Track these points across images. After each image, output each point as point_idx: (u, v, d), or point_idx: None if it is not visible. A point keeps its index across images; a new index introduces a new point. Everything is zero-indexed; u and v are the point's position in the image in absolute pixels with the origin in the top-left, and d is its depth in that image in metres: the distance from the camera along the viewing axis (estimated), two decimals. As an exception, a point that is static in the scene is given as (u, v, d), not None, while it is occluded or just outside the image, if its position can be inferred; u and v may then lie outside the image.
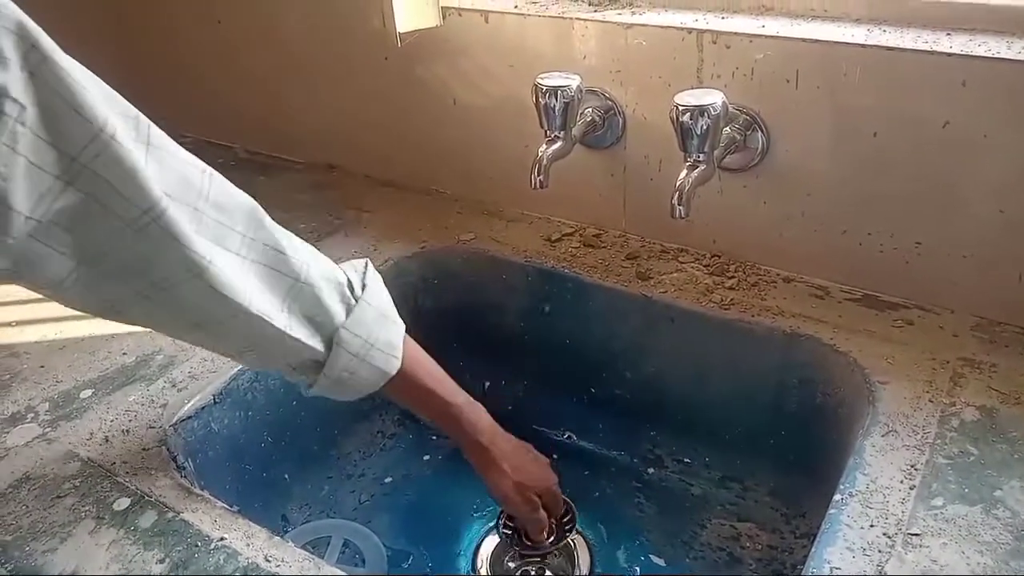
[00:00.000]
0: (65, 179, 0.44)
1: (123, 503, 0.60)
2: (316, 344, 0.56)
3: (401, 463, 0.90)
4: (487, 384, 0.98)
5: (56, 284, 0.48)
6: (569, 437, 0.92)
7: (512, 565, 0.78)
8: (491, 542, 0.80)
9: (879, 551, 0.52)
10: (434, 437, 0.93)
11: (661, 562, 0.77)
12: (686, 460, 0.86)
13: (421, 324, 0.96)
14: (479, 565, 0.79)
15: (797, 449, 0.78)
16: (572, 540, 0.79)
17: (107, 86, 0.46)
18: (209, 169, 0.51)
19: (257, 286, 0.53)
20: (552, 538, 0.74)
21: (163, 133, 0.49)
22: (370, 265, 0.62)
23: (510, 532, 0.76)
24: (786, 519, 0.79)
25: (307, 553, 0.55)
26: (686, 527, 0.80)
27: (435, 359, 0.64)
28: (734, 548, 0.77)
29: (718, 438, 0.83)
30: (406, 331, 0.63)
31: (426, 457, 0.91)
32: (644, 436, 0.88)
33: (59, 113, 0.43)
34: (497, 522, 0.77)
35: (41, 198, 0.43)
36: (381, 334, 0.59)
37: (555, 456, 0.89)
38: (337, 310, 0.57)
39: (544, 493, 0.71)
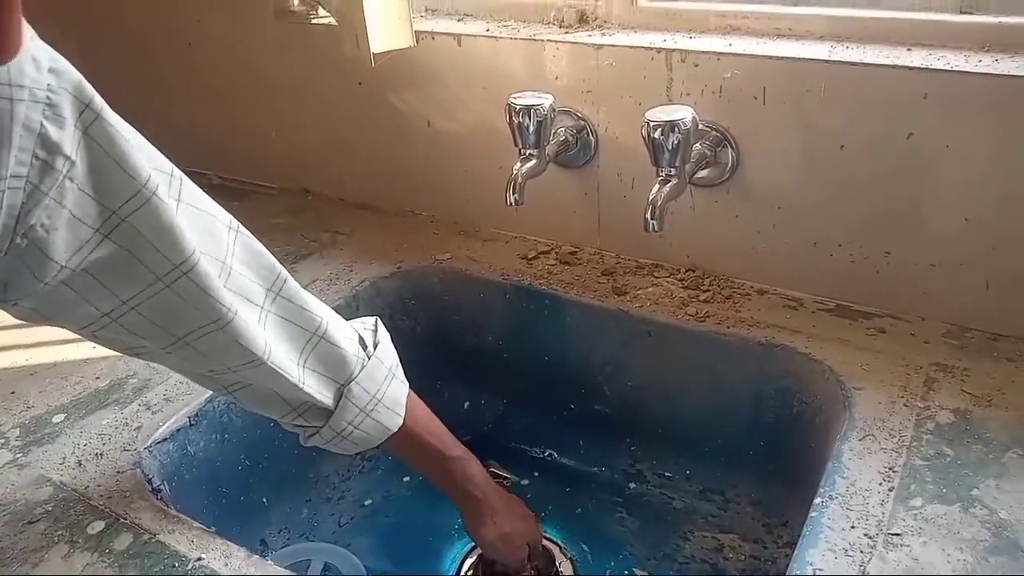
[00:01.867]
0: (103, 231, 0.45)
1: (97, 526, 0.59)
2: (326, 397, 0.58)
3: (380, 485, 0.89)
4: (466, 404, 0.98)
5: (83, 328, 0.49)
6: (549, 454, 0.92)
7: (495, 584, 0.77)
8: (473, 562, 0.80)
9: (861, 551, 0.52)
10: (413, 459, 0.92)
11: (645, 575, 0.76)
12: (667, 474, 0.86)
13: (399, 345, 0.95)
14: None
15: (776, 459, 0.78)
16: (554, 556, 0.79)
17: (146, 140, 0.47)
18: (235, 223, 0.52)
19: (276, 338, 0.54)
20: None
21: (194, 186, 0.50)
22: (379, 323, 0.64)
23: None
24: (768, 528, 0.79)
25: (287, 572, 0.54)
26: (669, 540, 0.80)
27: (413, 380, 0.65)
28: (717, 560, 0.77)
29: (698, 451, 0.84)
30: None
31: (406, 479, 0.90)
32: (624, 451, 0.89)
33: (105, 169, 0.44)
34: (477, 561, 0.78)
35: (79, 249, 0.44)
36: (388, 391, 0.61)
37: (536, 474, 0.90)
38: (352, 365, 0.59)
39: (530, 546, 0.73)
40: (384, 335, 0.63)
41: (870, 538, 0.53)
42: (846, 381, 0.68)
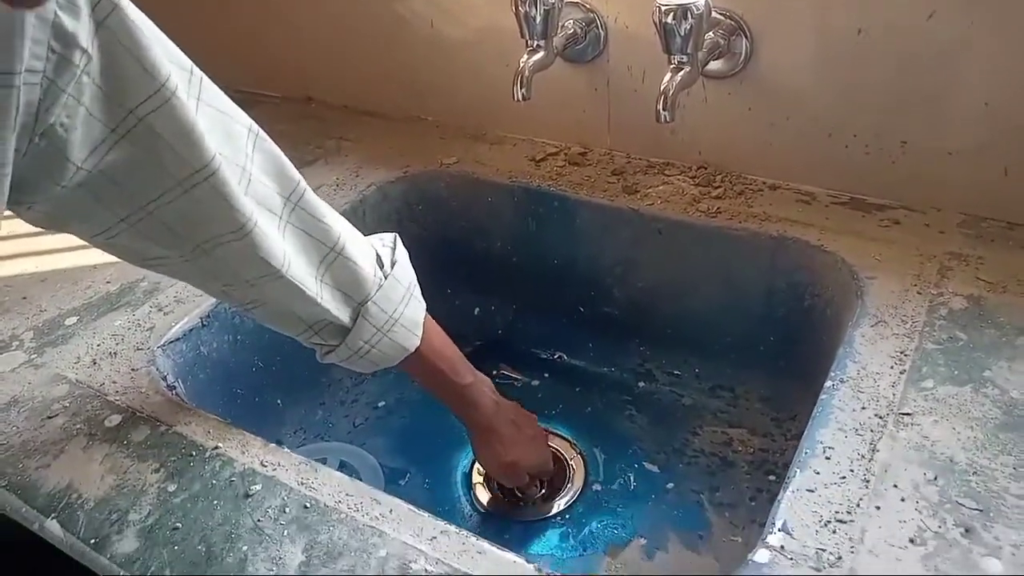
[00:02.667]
0: (120, 131, 0.43)
1: (114, 419, 0.59)
2: (343, 315, 0.57)
3: (393, 388, 0.90)
4: (477, 310, 0.98)
5: (97, 235, 0.48)
6: (559, 357, 0.93)
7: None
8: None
9: (871, 431, 0.52)
10: (425, 363, 0.93)
11: (655, 468, 0.78)
12: (676, 372, 0.87)
13: (407, 251, 0.96)
14: (475, 481, 0.79)
15: (787, 354, 0.79)
16: (564, 454, 0.80)
17: (163, 34, 0.45)
18: (255, 126, 0.51)
19: (294, 250, 0.53)
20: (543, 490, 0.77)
21: (213, 84, 0.48)
22: (399, 240, 0.63)
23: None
24: (777, 423, 0.79)
25: (303, 458, 0.55)
26: (678, 435, 0.81)
27: (423, 287, 0.64)
28: (726, 453, 0.78)
29: (708, 349, 0.84)
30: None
31: (418, 382, 0.91)
32: (634, 351, 0.89)
33: (123, 64, 0.41)
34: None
35: (95, 149, 0.43)
36: (406, 311, 0.60)
37: (546, 375, 0.91)
38: (369, 284, 0.58)
39: (536, 474, 0.74)
40: (402, 253, 0.62)
41: (880, 418, 0.53)
42: (859, 271, 0.67)
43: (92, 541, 0.50)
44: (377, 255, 0.60)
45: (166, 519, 0.51)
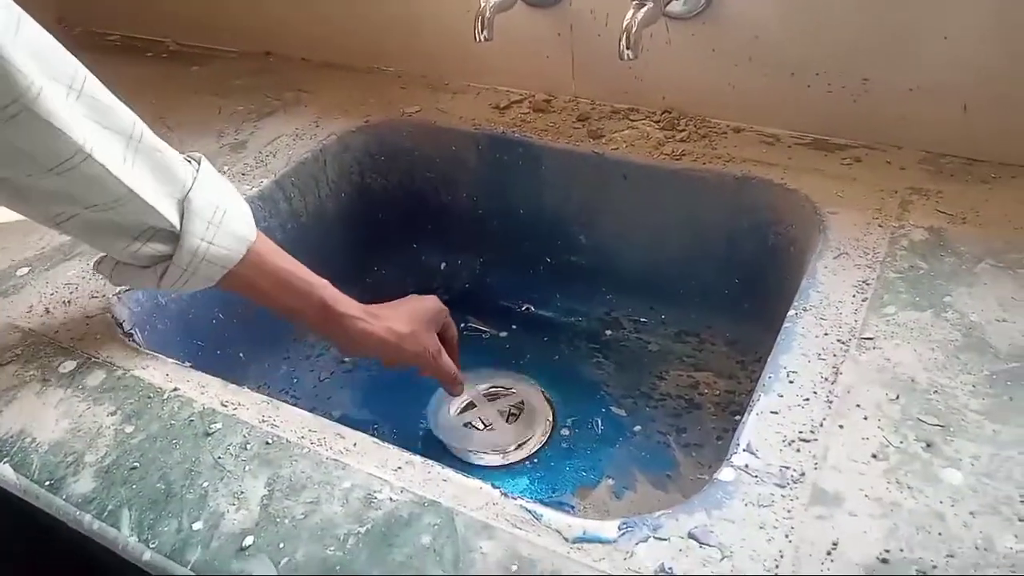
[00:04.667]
0: None
1: (69, 366, 0.58)
2: (167, 211, 0.52)
3: (359, 342, 0.89)
4: (443, 264, 0.97)
5: None
6: (527, 308, 0.92)
7: (475, 425, 0.78)
8: (454, 406, 0.81)
9: (834, 355, 0.53)
10: (391, 316, 0.92)
11: (622, 412, 0.78)
12: (642, 319, 0.86)
13: (369, 203, 0.94)
14: (440, 427, 0.79)
15: (751, 296, 0.79)
16: (531, 399, 0.80)
17: None
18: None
19: (94, 137, 0.48)
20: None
21: (36, 25, 0.46)
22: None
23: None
24: (742, 365, 0.80)
25: (264, 396, 0.54)
26: (645, 380, 0.81)
27: (386, 242, 0.62)
28: (693, 395, 0.79)
29: (673, 295, 0.84)
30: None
31: (384, 336, 0.90)
32: (600, 300, 0.89)
33: None
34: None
35: None
36: (231, 201, 0.55)
37: (514, 327, 0.90)
38: (183, 172, 0.53)
39: (434, 323, 0.70)
40: (202, 157, 0.57)
41: (843, 343, 0.54)
42: (821, 207, 0.68)
43: (47, 483, 0.49)
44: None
45: (124, 459, 0.50)
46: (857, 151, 0.75)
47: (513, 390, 0.82)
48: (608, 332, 0.87)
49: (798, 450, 0.46)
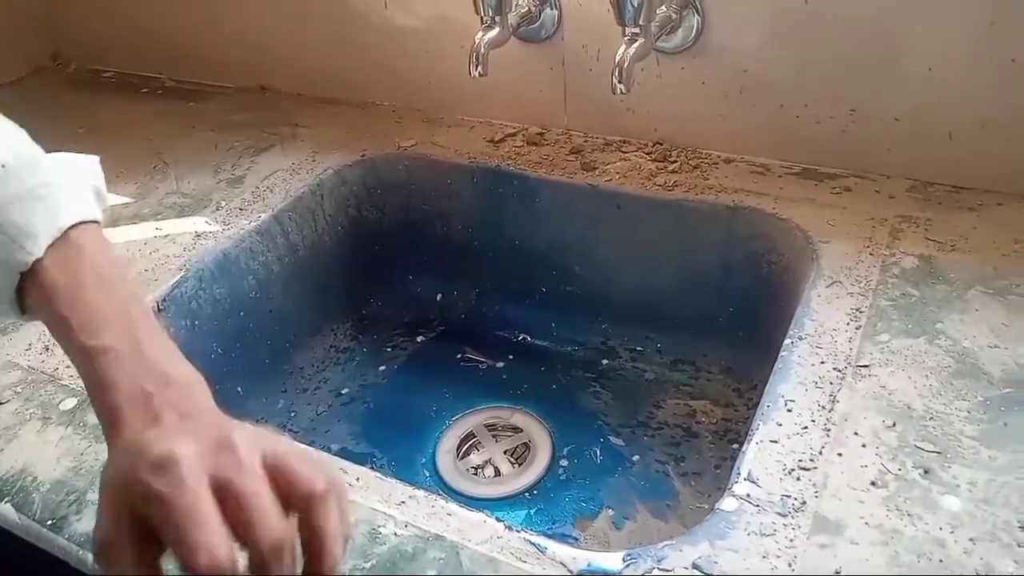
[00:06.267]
0: None
1: (69, 403, 0.58)
2: None
3: (356, 375, 0.90)
4: (439, 296, 0.97)
5: None
6: (523, 338, 0.93)
7: (474, 457, 0.79)
8: (452, 438, 0.81)
9: (830, 383, 0.53)
10: (388, 348, 0.92)
11: (620, 442, 0.78)
12: (638, 348, 0.87)
13: (366, 236, 0.95)
14: (440, 459, 0.79)
15: (746, 324, 0.80)
16: (529, 430, 0.80)
17: None
18: None
19: None
20: None
21: None
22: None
23: None
24: (739, 393, 0.80)
25: (264, 427, 0.54)
26: (642, 409, 0.81)
27: (383, 272, 0.60)
28: (690, 424, 0.79)
29: (669, 323, 0.85)
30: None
31: (382, 368, 0.90)
32: (596, 329, 0.89)
33: None
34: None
35: None
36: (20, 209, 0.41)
37: (511, 357, 0.91)
38: None
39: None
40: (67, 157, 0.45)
41: (839, 371, 0.54)
42: (813, 236, 0.69)
43: (48, 522, 0.49)
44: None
45: (126, 497, 0.50)
46: (846, 180, 0.76)
47: (511, 421, 0.82)
48: (604, 361, 0.88)
49: (798, 479, 0.47)
